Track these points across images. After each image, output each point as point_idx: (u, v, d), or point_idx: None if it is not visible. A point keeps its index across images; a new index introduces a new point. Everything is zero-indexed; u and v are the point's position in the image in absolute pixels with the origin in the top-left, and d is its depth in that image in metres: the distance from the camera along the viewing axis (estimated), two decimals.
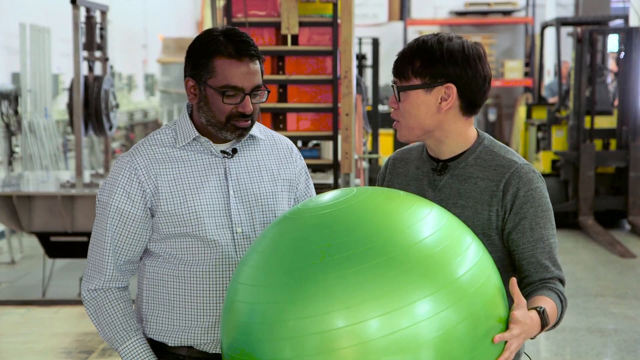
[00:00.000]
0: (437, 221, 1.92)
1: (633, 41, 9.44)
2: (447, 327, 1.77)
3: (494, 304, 1.88)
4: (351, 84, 5.11)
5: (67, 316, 6.13)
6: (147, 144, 2.29)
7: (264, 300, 1.84)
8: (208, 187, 2.26)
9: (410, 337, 1.75)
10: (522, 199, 2.13)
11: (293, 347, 1.78)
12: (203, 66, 2.21)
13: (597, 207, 9.51)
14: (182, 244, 2.26)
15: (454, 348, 1.78)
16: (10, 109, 9.13)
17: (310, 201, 2.02)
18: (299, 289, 1.80)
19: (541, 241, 2.14)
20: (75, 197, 6.26)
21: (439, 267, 1.82)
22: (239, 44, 2.20)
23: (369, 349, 1.74)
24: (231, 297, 1.96)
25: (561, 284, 2.15)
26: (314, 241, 1.85)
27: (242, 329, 1.88)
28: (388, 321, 1.74)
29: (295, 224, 1.95)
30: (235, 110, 2.22)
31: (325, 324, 1.76)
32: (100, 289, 2.28)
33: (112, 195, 2.25)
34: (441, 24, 15.79)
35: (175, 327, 2.28)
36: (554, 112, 10.19)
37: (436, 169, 2.22)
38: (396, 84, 2.17)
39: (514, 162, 2.17)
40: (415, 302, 1.76)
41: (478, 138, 2.23)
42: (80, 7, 7.18)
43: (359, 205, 1.94)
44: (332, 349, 1.75)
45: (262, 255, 1.93)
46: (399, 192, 2.06)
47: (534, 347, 5.58)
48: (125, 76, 13.92)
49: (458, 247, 1.88)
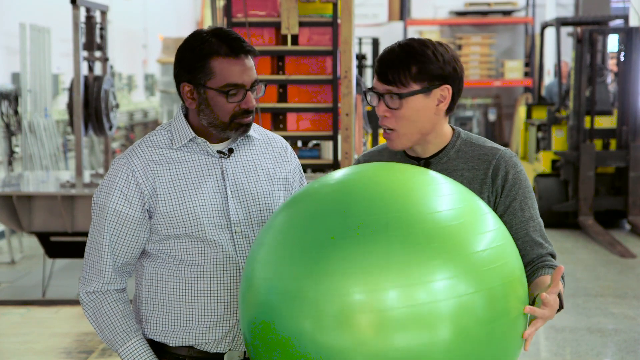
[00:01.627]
0: (455, 197, 1.95)
1: (633, 41, 9.43)
2: (463, 299, 1.79)
3: (512, 285, 1.89)
4: (351, 84, 5.11)
5: (67, 316, 6.13)
6: (144, 145, 2.29)
7: (283, 274, 1.86)
8: (206, 188, 2.26)
9: (427, 308, 1.77)
10: (511, 181, 2.22)
11: (313, 319, 1.81)
12: (199, 69, 2.20)
13: (597, 207, 9.51)
14: (181, 245, 2.26)
15: (470, 321, 1.80)
16: (10, 109, 9.13)
17: (322, 179, 2.04)
18: (317, 262, 1.82)
19: (532, 220, 2.24)
20: (75, 197, 6.26)
21: (458, 240, 1.84)
22: (232, 41, 2.20)
23: (386, 319, 1.76)
24: (249, 275, 1.98)
25: (554, 259, 2.24)
26: (330, 215, 1.87)
27: (263, 304, 1.90)
28: (405, 292, 1.77)
29: (310, 200, 1.97)
30: (238, 108, 2.23)
31: (344, 295, 1.78)
32: (98, 292, 2.28)
33: (110, 198, 2.24)
34: (441, 24, 15.80)
35: (176, 327, 2.28)
36: (554, 112, 10.19)
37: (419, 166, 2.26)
38: (391, 92, 2.17)
39: (497, 149, 2.26)
40: (431, 273, 1.78)
41: (454, 132, 2.30)
42: (80, 7, 7.18)
43: (374, 177, 1.96)
44: (350, 319, 1.77)
45: (279, 232, 1.95)
46: (414, 166, 2.09)
47: (534, 347, 5.58)
48: (125, 76, 13.92)
49: (479, 225, 1.91)
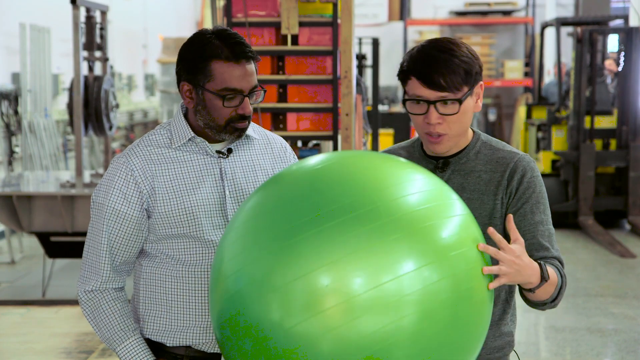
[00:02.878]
0: (425, 183, 1.95)
1: (633, 41, 9.43)
2: (428, 285, 1.80)
3: (477, 268, 1.90)
4: (351, 84, 5.11)
5: (67, 316, 6.13)
6: (143, 144, 2.29)
7: (250, 263, 1.87)
8: (204, 188, 2.26)
9: (392, 294, 1.78)
10: (526, 184, 2.21)
11: (281, 306, 1.81)
12: (200, 70, 2.20)
13: (597, 207, 9.51)
14: (179, 245, 2.26)
15: (435, 304, 1.81)
16: (10, 109, 9.13)
17: (294, 165, 2.05)
18: (285, 249, 1.83)
19: (541, 224, 2.21)
20: (75, 197, 6.26)
21: (424, 225, 1.85)
22: (235, 46, 2.20)
23: (353, 304, 1.77)
24: (217, 264, 1.98)
25: (560, 265, 2.19)
26: (298, 201, 1.88)
27: (230, 296, 1.90)
28: (370, 277, 1.78)
29: (279, 186, 1.97)
30: (234, 113, 2.22)
31: (311, 281, 1.79)
32: (96, 290, 2.28)
33: (108, 197, 2.24)
34: (441, 24, 15.80)
35: (174, 327, 2.29)
36: (554, 112, 10.19)
37: (437, 166, 2.26)
38: (446, 98, 2.14)
39: (515, 153, 2.25)
40: (397, 259, 1.80)
41: (475, 134, 2.30)
42: (80, 7, 7.18)
43: (341, 164, 1.97)
44: (318, 306, 1.78)
45: (243, 224, 1.95)
46: (386, 155, 2.10)
47: (534, 347, 5.58)
48: (125, 76, 13.92)
49: (445, 211, 1.91)
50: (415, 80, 2.15)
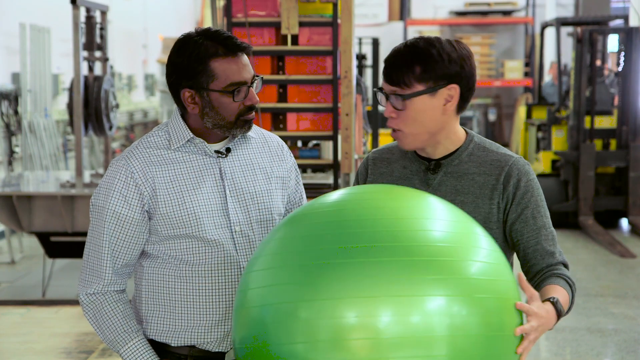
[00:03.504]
0: (449, 218, 1.94)
1: (633, 41, 9.43)
2: (457, 321, 1.79)
3: (506, 303, 1.89)
4: (351, 84, 5.11)
5: (67, 316, 6.13)
6: (142, 146, 2.28)
7: (276, 299, 1.86)
8: (205, 188, 2.26)
9: (421, 331, 1.77)
10: (523, 189, 2.19)
11: (306, 341, 1.80)
12: (200, 73, 2.20)
13: (597, 207, 9.51)
14: (182, 245, 2.26)
15: (465, 341, 1.80)
16: (10, 109, 9.13)
17: (315, 201, 2.04)
18: (311, 284, 1.82)
19: (544, 229, 2.20)
20: (75, 197, 6.26)
21: (452, 263, 1.83)
22: (226, 40, 2.20)
23: (380, 342, 1.76)
24: (244, 290, 1.97)
25: (566, 269, 2.20)
26: (325, 237, 1.87)
27: (256, 322, 1.90)
28: (399, 317, 1.77)
29: (303, 224, 1.97)
30: (242, 106, 2.23)
31: (338, 318, 1.78)
32: (98, 293, 2.28)
33: (109, 199, 2.24)
34: (441, 24, 15.79)
35: (177, 327, 2.28)
36: (554, 112, 10.19)
37: (429, 167, 2.24)
38: (395, 92, 2.15)
39: (510, 156, 2.23)
40: (426, 296, 1.78)
41: (468, 136, 2.27)
42: (80, 7, 7.18)
43: (370, 200, 1.96)
44: (344, 342, 1.77)
45: (270, 257, 1.94)
46: (407, 188, 2.10)
47: (534, 347, 5.58)
48: (125, 76, 13.92)
49: (473, 247, 1.90)
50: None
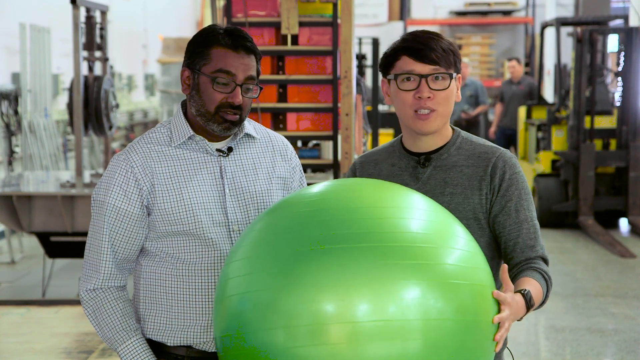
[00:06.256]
0: (427, 208, 1.97)
1: (633, 41, 9.43)
2: (434, 315, 1.81)
3: (482, 295, 1.91)
4: (351, 84, 5.11)
5: (67, 316, 6.13)
6: (143, 142, 2.30)
7: (255, 288, 1.87)
8: (203, 185, 2.26)
9: (398, 321, 1.78)
10: (508, 181, 2.24)
11: (285, 330, 1.81)
12: (199, 54, 2.24)
13: (597, 207, 9.51)
14: (179, 243, 2.26)
15: (441, 332, 1.81)
16: (10, 109, 9.13)
17: (301, 190, 2.07)
18: (290, 274, 1.83)
19: (526, 222, 2.24)
20: (75, 197, 6.25)
21: (428, 253, 1.85)
22: (237, 37, 2.24)
23: (358, 331, 1.77)
24: (221, 293, 1.99)
25: (545, 263, 2.23)
26: (304, 227, 1.89)
27: (235, 318, 1.91)
28: (377, 306, 1.78)
29: (287, 211, 1.99)
30: (225, 100, 2.23)
31: (317, 307, 1.79)
32: (98, 289, 2.28)
33: (109, 194, 2.25)
34: (441, 24, 15.80)
35: (174, 326, 2.28)
36: (554, 112, 10.19)
37: (419, 162, 2.28)
38: (438, 72, 2.21)
39: (497, 149, 2.29)
40: (403, 286, 1.80)
41: (455, 131, 2.34)
42: (80, 7, 7.18)
43: (351, 192, 1.99)
44: (323, 331, 1.79)
45: (250, 247, 1.96)
46: (388, 182, 2.13)
47: (534, 347, 5.58)
48: (125, 76, 13.92)
49: (450, 240, 1.92)
50: (406, 58, 2.22)
